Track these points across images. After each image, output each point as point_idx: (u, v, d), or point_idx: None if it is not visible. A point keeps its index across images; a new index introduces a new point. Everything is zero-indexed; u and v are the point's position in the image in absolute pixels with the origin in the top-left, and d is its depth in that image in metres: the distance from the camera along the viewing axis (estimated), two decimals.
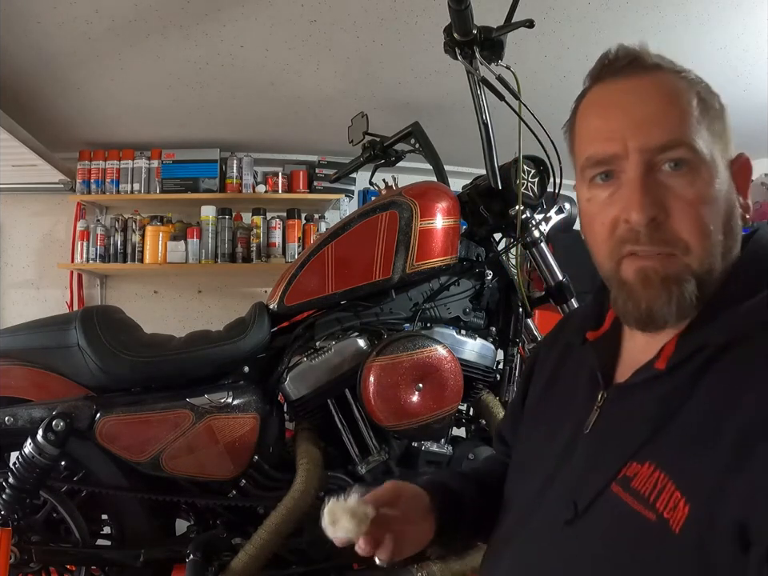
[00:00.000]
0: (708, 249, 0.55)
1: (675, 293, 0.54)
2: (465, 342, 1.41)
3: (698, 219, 0.54)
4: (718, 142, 0.57)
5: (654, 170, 0.55)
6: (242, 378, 1.36)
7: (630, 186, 0.55)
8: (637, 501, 0.51)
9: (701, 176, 0.55)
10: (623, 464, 0.54)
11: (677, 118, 0.55)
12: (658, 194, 0.54)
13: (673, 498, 0.49)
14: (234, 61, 2.10)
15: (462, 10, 1.22)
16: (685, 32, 1.97)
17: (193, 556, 1.21)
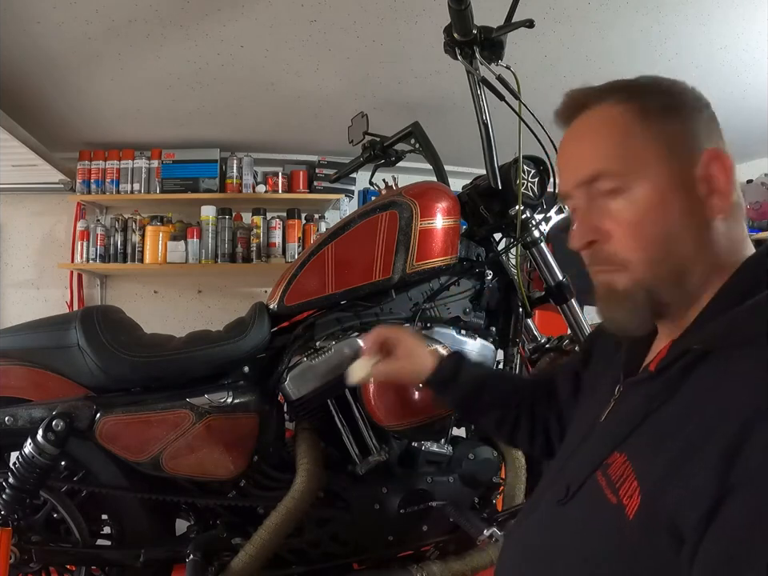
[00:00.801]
0: (648, 260, 0.58)
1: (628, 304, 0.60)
2: (465, 341, 1.41)
3: (634, 237, 0.59)
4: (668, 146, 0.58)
5: (595, 199, 0.62)
6: (241, 378, 1.36)
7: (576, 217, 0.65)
8: (608, 487, 0.56)
9: (633, 194, 0.59)
10: (609, 454, 0.59)
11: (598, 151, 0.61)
12: (596, 220, 0.61)
13: (632, 486, 0.53)
14: (233, 61, 2.10)
15: (461, 10, 1.22)
16: (685, 32, 1.97)
17: (193, 556, 1.21)
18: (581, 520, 0.59)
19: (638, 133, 0.59)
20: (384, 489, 1.30)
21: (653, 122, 0.59)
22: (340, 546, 1.32)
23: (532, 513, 0.70)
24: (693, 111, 0.60)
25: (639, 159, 0.58)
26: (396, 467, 1.35)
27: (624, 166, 0.59)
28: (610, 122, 0.61)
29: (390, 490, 1.30)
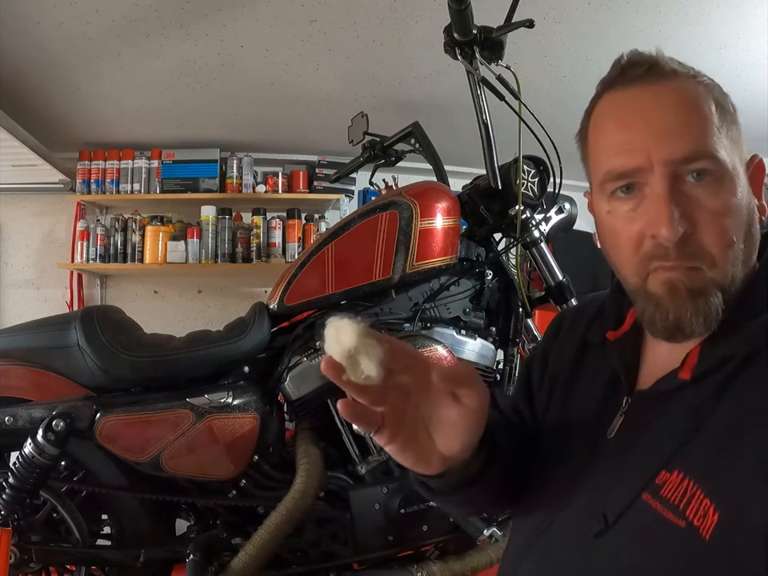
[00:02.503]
0: (731, 260, 0.54)
1: (702, 305, 0.53)
2: (465, 341, 1.41)
3: (722, 231, 0.53)
4: (736, 147, 0.56)
5: (679, 182, 0.54)
6: (242, 377, 1.36)
7: (657, 200, 0.54)
8: (666, 508, 0.50)
9: (724, 185, 0.54)
10: (654, 473, 0.53)
11: (700, 128, 0.54)
12: (685, 207, 0.53)
13: (702, 505, 0.48)
14: (233, 61, 2.10)
15: (462, 10, 1.22)
16: (685, 32, 1.97)
17: (193, 556, 1.21)
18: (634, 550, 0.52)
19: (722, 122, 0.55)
20: (384, 489, 1.30)
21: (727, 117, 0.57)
22: (340, 546, 1.32)
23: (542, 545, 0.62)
24: (738, 116, 0.59)
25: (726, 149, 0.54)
26: (396, 467, 1.35)
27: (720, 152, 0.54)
28: (704, 100, 0.55)
29: (390, 489, 1.30)
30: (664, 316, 0.55)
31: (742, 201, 0.55)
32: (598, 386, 0.65)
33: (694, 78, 0.57)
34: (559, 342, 0.75)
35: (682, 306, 0.54)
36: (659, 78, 0.56)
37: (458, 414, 0.52)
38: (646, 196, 0.55)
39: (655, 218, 0.54)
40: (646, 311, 0.57)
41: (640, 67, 0.57)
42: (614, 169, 0.56)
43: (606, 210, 0.59)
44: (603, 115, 0.59)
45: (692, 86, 0.56)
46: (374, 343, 0.46)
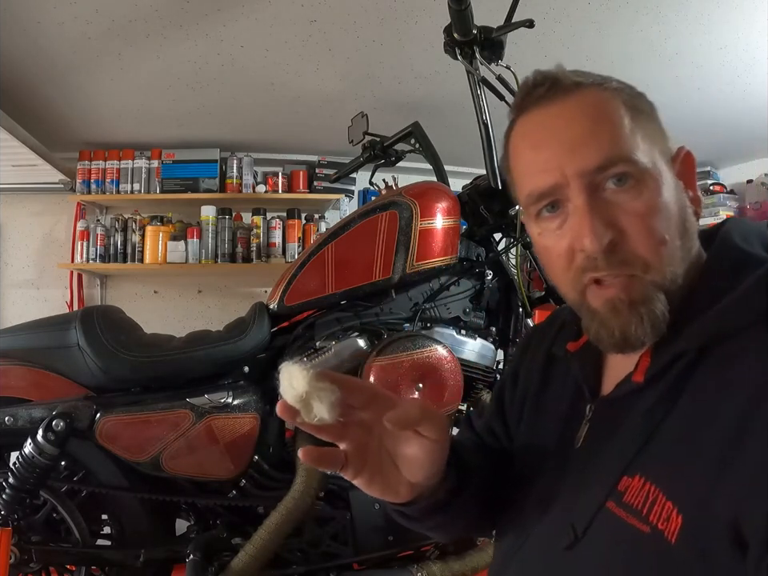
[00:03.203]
0: (668, 259, 0.53)
1: (645, 314, 0.53)
2: (465, 341, 1.41)
3: (652, 232, 0.53)
4: (656, 143, 0.56)
5: (599, 191, 0.53)
6: (242, 377, 1.36)
7: (578, 213, 0.53)
8: (630, 515, 0.50)
9: (647, 186, 0.53)
10: (616, 480, 0.53)
11: (608, 135, 0.53)
12: (608, 215, 0.53)
13: (665, 508, 0.48)
14: (234, 61, 2.10)
15: (462, 10, 1.22)
16: (685, 32, 1.97)
17: (193, 556, 1.21)
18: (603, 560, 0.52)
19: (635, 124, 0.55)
20: None
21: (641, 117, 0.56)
22: (340, 546, 1.32)
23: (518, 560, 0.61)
24: (656, 112, 0.59)
25: (643, 150, 0.54)
26: None
27: (636, 155, 0.53)
28: (611, 105, 0.55)
29: None
30: (610, 333, 0.55)
31: (669, 198, 0.54)
32: (565, 398, 0.65)
33: (599, 85, 0.56)
34: (528, 359, 0.75)
35: (625, 320, 0.53)
36: (562, 94, 0.56)
37: (419, 446, 0.52)
38: (569, 212, 0.55)
39: (579, 231, 0.53)
40: (591, 329, 0.57)
41: (542, 86, 0.57)
42: (532, 191, 0.56)
43: (536, 232, 0.59)
44: (517, 140, 0.60)
45: (596, 95, 0.55)
46: (325, 387, 0.48)
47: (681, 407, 0.50)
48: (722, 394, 0.48)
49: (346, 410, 0.51)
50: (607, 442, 0.56)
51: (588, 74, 0.58)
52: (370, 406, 0.53)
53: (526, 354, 0.76)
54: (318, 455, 0.52)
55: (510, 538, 0.64)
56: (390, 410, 0.51)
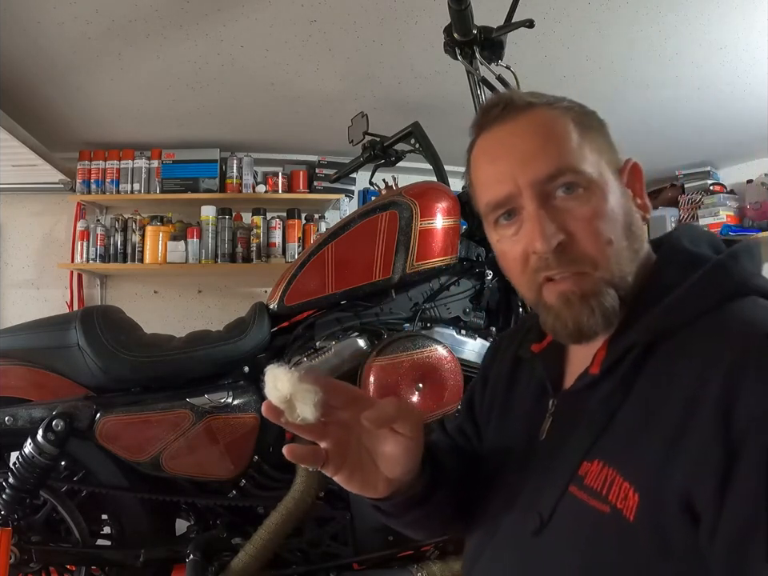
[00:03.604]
0: (615, 258, 0.58)
1: (595, 305, 0.58)
2: (465, 341, 1.41)
3: (598, 234, 0.58)
4: (604, 154, 0.61)
5: (550, 199, 0.59)
6: (242, 377, 1.36)
7: (531, 219, 0.59)
8: (591, 497, 0.54)
9: (593, 193, 0.59)
10: (577, 465, 0.56)
11: (557, 148, 0.59)
12: (558, 220, 0.58)
13: (622, 488, 0.51)
14: (234, 61, 2.10)
15: (462, 10, 1.22)
16: (685, 32, 1.97)
17: (193, 556, 1.21)
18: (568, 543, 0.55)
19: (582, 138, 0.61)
20: None
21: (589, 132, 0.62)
22: (340, 546, 1.32)
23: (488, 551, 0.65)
24: (606, 127, 0.65)
25: (590, 162, 0.60)
26: None
27: (582, 165, 0.59)
28: (562, 122, 0.61)
29: None
30: (564, 324, 0.59)
31: (615, 204, 0.60)
32: (530, 397, 0.69)
33: (550, 105, 0.62)
34: (497, 363, 0.79)
35: (578, 312, 0.58)
36: (515, 113, 0.62)
37: (395, 443, 0.56)
38: (524, 219, 0.60)
39: (531, 235, 0.59)
40: (548, 323, 0.62)
41: (497, 107, 0.63)
42: (490, 201, 0.62)
43: (495, 239, 0.65)
44: (476, 157, 0.66)
45: (546, 114, 0.61)
46: (309, 388, 0.51)
47: (634, 395, 0.55)
48: (671, 382, 0.52)
49: (328, 410, 0.54)
50: (568, 431, 0.60)
51: (541, 95, 0.64)
52: (350, 407, 0.56)
53: (495, 359, 0.81)
54: (299, 453, 0.57)
55: (482, 530, 0.67)
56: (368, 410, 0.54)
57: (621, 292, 0.58)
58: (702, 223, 3.08)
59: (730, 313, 0.53)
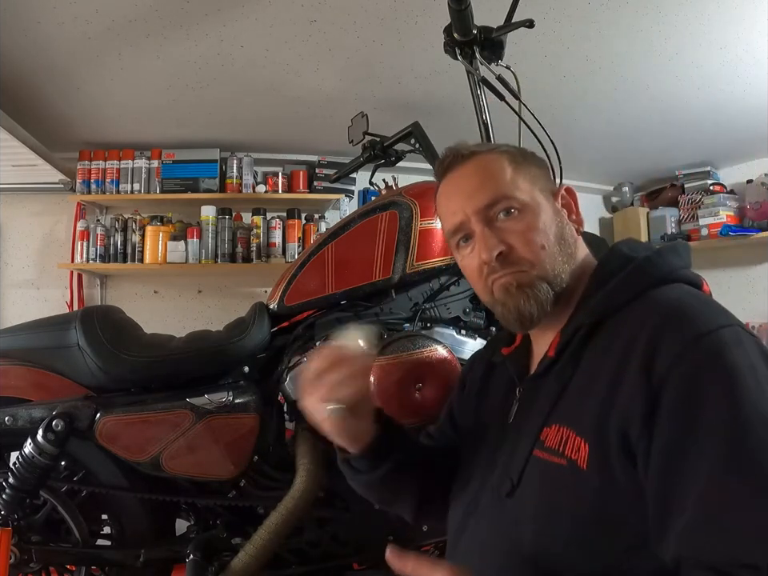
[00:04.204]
0: (548, 260, 0.73)
1: (531, 293, 0.73)
2: (465, 341, 1.41)
3: (532, 242, 0.74)
4: (537, 183, 0.78)
5: (493, 222, 0.75)
6: (242, 377, 1.36)
7: (478, 238, 0.76)
8: (551, 455, 0.65)
9: (527, 213, 0.75)
10: (538, 432, 0.68)
11: (494, 183, 0.76)
12: (498, 236, 0.74)
13: (575, 442, 0.62)
14: (234, 61, 2.10)
15: (462, 10, 1.22)
16: (685, 32, 1.97)
17: (193, 556, 1.21)
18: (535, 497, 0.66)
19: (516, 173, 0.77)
20: None
21: (522, 167, 0.78)
22: (340, 546, 1.32)
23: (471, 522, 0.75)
24: (541, 162, 0.83)
25: (523, 190, 0.76)
26: None
27: (515, 193, 0.75)
28: (498, 163, 0.78)
29: None
30: (508, 310, 0.74)
31: (546, 219, 0.76)
32: (502, 392, 0.82)
33: (490, 151, 0.81)
34: (472, 372, 0.94)
35: (517, 298, 0.73)
36: (462, 161, 0.80)
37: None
38: (476, 240, 0.77)
39: (480, 249, 0.75)
40: (497, 312, 0.77)
41: (447, 159, 0.82)
42: (449, 228, 0.81)
43: (459, 259, 0.82)
44: (439, 199, 0.84)
45: (485, 158, 0.79)
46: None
47: (582, 366, 0.67)
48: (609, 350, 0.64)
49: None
50: (530, 408, 0.72)
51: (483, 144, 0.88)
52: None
53: (472, 367, 0.96)
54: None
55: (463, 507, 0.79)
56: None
57: (555, 287, 0.73)
58: (702, 223, 3.09)
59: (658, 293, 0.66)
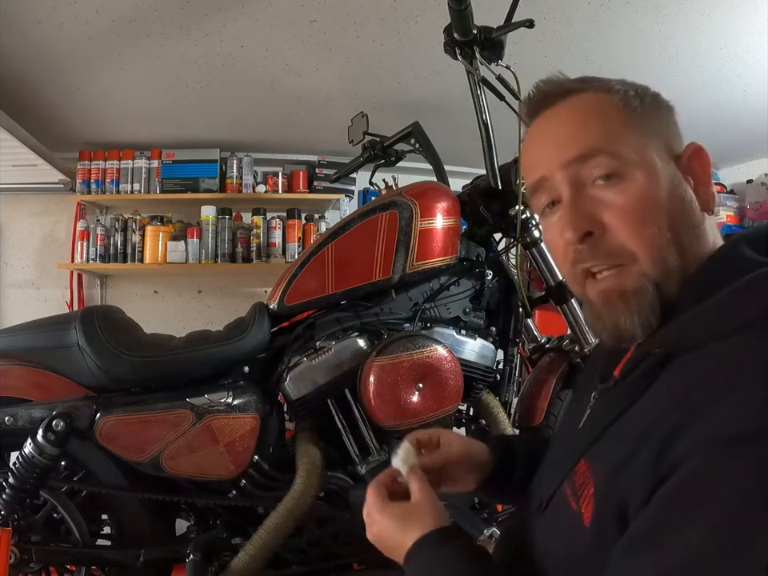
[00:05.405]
0: (656, 251, 0.55)
1: (633, 305, 0.55)
2: (465, 341, 1.41)
3: (636, 224, 0.55)
4: (655, 138, 0.58)
5: (586, 187, 0.57)
6: (242, 378, 1.36)
7: (563, 207, 0.58)
8: (571, 495, 0.56)
9: (634, 180, 0.55)
10: (575, 463, 0.57)
11: (591, 131, 0.57)
12: (589, 209, 0.56)
13: (589, 493, 0.53)
14: (234, 61, 2.10)
15: (462, 10, 1.22)
16: (685, 32, 1.97)
17: (193, 556, 1.21)
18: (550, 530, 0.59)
19: (627, 121, 0.57)
20: None
21: (637, 114, 0.58)
22: (340, 546, 1.32)
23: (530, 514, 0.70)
24: (667, 110, 0.61)
25: (632, 146, 0.56)
26: None
27: (621, 149, 0.56)
28: (601, 106, 0.59)
29: None
30: (603, 325, 0.58)
31: (660, 191, 0.56)
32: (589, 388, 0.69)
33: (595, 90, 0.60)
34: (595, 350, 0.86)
35: (616, 313, 0.56)
36: (554, 101, 0.61)
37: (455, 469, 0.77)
38: (562, 208, 0.59)
39: (563, 223, 0.58)
40: (589, 318, 0.61)
41: (536, 99, 0.63)
42: (528, 186, 0.64)
43: (544, 229, 0.65)
44: (524, 145, 0.67)
45: (585, 98, 0.60)
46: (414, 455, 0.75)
47: (638, 405, 0.53)
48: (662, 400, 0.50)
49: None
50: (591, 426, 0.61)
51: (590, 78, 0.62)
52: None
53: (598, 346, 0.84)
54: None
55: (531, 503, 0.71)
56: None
57: (663, 288, 0.55)
58: None
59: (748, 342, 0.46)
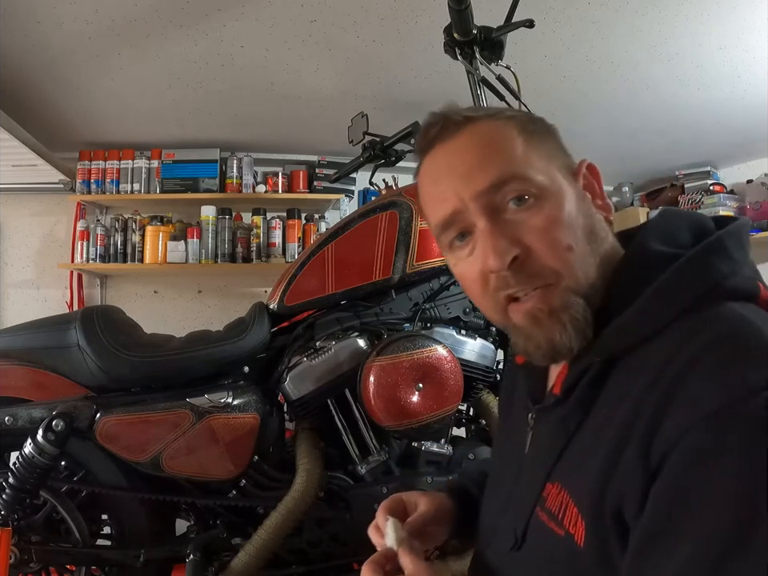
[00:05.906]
0: (578, 265, 0.55)
1: (567, 320, 0.54)
2: (465, 341, 1.41)
3: (556, 243, 0.54)
4: (554, 159, 0.58)
5: (501, 213, 0.56)
6: (242, 377, 1.36)
7: (482, 236, 0.56)
8: (551, 519, 0.53)
9: (546, 201, 0.55)
10: (541, 487, 0.56)
11: (499, 158, 0.56)
12: (510, 234, 0.55)
13: (573, 513, 0.51)
14: (234, 61, 2.10)
15: (462, 10, 1.22)
16: (685, 32, 1.97)
17: (193, 556, 1.22)
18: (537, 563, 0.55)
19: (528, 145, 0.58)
20: (384, 489, 1.30)
21: (535, 138, 0.59)
22: (340, 546, 1.32)
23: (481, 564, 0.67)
24: (554, 131, 0.62)
25: (538, 168, 0.56)
26: (396, 467, 1.35)
27: (530, 172, 0.56)
28: (500, 131, 0.58)
29: (390, 490, 1.30)
30: (537, 345, 0.56)
31: (571, 208, 0.56)
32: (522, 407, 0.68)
33: (490, 117, 0.60)
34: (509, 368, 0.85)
35: (548, 330, 0.55)
36: (453, 131, 0.59)
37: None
38: (477, 237, 0.57)
39: (485, 252, 0.55)
40: (519, 344, 0.59)
41: (434, 127, 0.60)
42: (438, 221, 0.60)
43: (452, 263, 0.63)
44: (422, 181, 0.63)
45: (486, 126, 0.59)
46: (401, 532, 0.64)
47: (591, 416, 0.53)
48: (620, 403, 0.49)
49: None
50: (537, 450, 0.60)
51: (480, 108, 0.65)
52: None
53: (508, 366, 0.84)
54: None
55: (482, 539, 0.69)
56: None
57: (590, 299, 0.55)
58: None
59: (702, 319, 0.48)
